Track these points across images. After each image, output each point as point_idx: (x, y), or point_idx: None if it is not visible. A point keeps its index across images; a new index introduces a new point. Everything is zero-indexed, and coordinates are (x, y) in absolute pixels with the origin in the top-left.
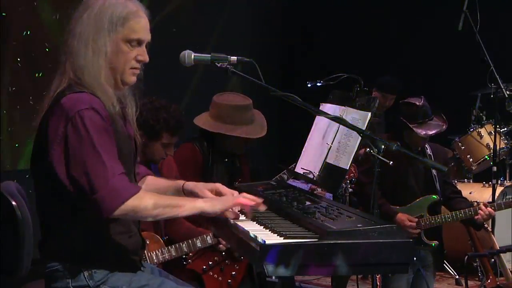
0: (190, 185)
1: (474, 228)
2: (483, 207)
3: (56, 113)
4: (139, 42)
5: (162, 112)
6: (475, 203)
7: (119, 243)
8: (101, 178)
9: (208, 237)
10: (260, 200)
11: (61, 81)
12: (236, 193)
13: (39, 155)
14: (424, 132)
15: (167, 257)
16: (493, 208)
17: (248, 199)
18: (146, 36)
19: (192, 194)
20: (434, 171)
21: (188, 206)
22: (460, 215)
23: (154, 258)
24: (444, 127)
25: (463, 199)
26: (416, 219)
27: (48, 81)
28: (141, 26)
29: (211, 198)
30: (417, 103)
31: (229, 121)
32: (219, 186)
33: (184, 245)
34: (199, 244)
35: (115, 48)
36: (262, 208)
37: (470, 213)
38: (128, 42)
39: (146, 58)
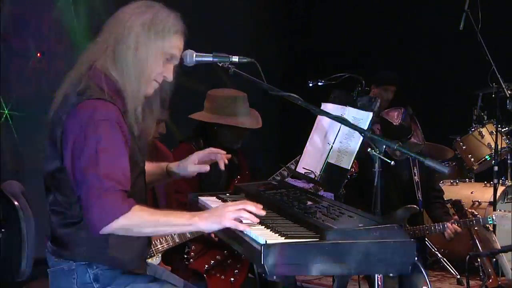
0: (173, 166)
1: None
2: (450, 226)
3: (71, 120)
4: (173, 59)
5: None
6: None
7: (126, 244)
8: (93, 193)
9: None
10: (256, 220)
11: (80, 77)
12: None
13: (51, 155)
14: (400, 154)
15: (171, 243)
16: (459, 225)
17: (246, 213)
18: (179, 55)
19: (177, 174)
20: (416, 178)
21: (183, 223)
22: (427, 231)
23: (159, 245)
24: (422, 146)
25: (442, 205)
26: None
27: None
28: (180, 45)
29: (208, 215)
30: (394, 123)
31: (226, 112)
32: (209, 149)
33: None
34: None
35: (153, 56)
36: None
37: (438, 228)
38: (166, 55)
39: (170, 77)
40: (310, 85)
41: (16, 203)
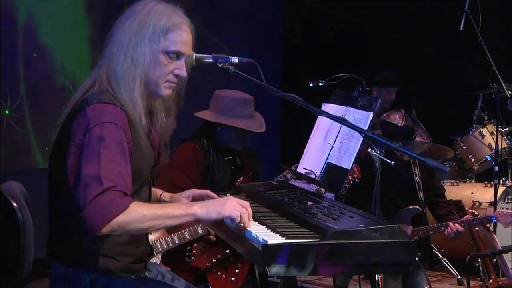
0: (167, 196)
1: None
2: (451, 225)
3: (79, 120)
4: (178, 56)
5: None
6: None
7: (125, 252)
8: (92, 192)
9: None
10: (250, 211)
11: (92, 84)
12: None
13: (57, 156)
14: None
15: (170, 245)
16: (462, 225)
17: (243, 210)
18: (186, 50)
19: None
20: (417, 179)
21: (181, 214)
22: (431, 231)
23: (159, 246)
24: (429, 144)
25: (445, 204)
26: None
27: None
28: (182, 39)
29: (206, 203)
30: (398, 124)
31: (229, 113)
32: (206, 191)
33: (186, 232)
34: (200, 231)
35: (153, 59)
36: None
37: (442, 228)
38: (167, 54)
39: (184, 73)
40: (311, 85)
41: (14, 204)
